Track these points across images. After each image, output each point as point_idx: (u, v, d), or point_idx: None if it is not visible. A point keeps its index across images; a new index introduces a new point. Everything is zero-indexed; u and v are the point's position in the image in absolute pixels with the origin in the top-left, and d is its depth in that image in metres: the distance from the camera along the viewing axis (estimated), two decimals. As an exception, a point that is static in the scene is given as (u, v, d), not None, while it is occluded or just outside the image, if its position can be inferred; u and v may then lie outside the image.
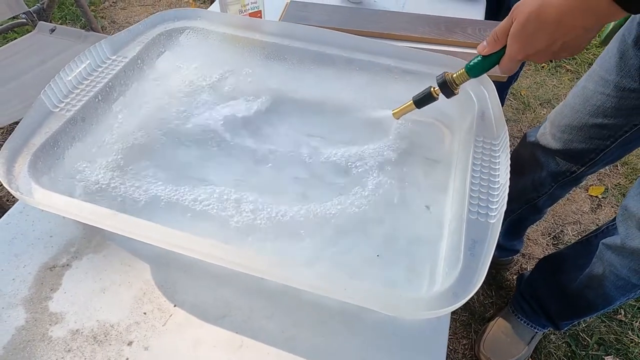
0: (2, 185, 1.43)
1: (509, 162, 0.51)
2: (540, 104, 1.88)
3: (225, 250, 0.43)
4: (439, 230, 0.54)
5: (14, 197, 0.58)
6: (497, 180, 0.50)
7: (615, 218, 0.79)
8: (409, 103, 0.59)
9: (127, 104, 0.63)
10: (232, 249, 0.43)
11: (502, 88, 1.48)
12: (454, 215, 0.52)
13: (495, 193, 0.49)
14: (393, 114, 0.62)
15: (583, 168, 0.84)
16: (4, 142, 0.51)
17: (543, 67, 2.06)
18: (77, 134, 0.57)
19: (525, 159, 0.92)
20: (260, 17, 0.89)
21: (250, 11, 0.87)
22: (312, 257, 0.52)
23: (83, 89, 0.60)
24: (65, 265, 0.52)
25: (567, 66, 2.06)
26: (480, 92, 0.62)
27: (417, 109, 0.59)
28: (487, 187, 0.50)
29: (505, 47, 0.49)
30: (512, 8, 0.47)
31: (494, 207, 0.48)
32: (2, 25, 1.49)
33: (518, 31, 0.46)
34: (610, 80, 0.71)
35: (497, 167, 0.52)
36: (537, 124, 1.79)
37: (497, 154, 0.53)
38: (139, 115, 0.65)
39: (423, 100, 0.58)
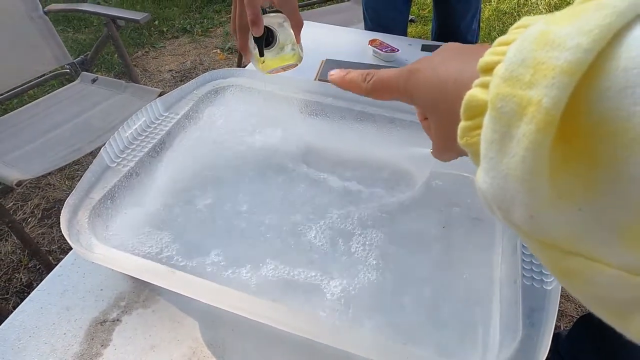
0: (49, 241, 1.46)
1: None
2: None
3: (280, 311, 0.43)
4: (489, 294, 0.53)
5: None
6: (549, 245, 0.50)
7: None
8: None
9: (178, 159, 0.66)
10: (288, 311, 0.43)
11: None
12: (505, 279, 0.51)
13: (549, 258, 0.49)
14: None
15: None
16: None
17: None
18: (133, 188, 0.59)
19: None
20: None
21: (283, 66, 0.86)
22: (358, 319, 0.52)
23: (138, 144, 0.63)
24: (115, 320, 0.52)
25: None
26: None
27: None
28: (539, 252, 0.50)
29: None
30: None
31: (549, 272, 0.47)
32: (45, 75, 1.58)
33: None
34: None
35: (548, 231, 0.52)
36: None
37: (547, 218, 0.54)
38: (190, 169, 0.68)
39: None
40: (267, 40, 0.58)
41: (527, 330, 0.43)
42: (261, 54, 0.58)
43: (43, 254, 1.33)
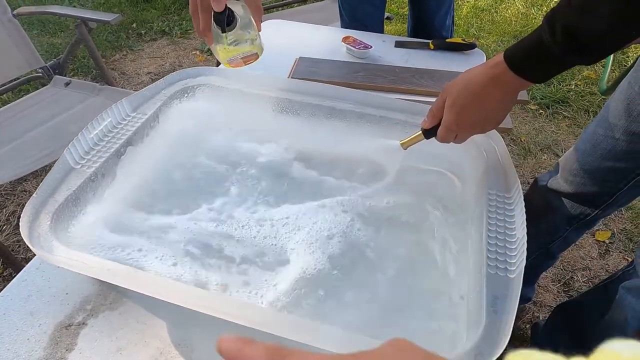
0: (25, 248, 1.42)
1: (525, 216, 0.51)
2: (540, 149, 1.92)
3: (250, 310, 0.43)
4: (457, 284, 0.54)
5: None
6: (513, 234, 0.51)
7: (631, 262, 0.79)
8: (417, 133, 0.61)
9: (145, 160, 0.65)
10: (256, 309, 0.43)
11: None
12: (472, 269, 0.52)
13: (513, 247, 0.50)
14: (401, 144, 0.63)
15: (597, 211, 0.85)
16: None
17: (541, 113, 2.11)
18: (97, 190, 0.58)
19: (538, 204, 0.92)
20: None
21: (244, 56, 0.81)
22: (328, 312, 0.52)
23: (104, 145, 0.62)
24: (81, 324, 0.51)
25: (564, 113, 2.11)
26: (490, 146, 0.64)
27: (425, 140, 0.61)
28: (503, 241, 0.51)
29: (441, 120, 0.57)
30: (442, 89, 0.56)
31: (512, 261, 0.48)
32: (18, 79, 1.54)
33: (452, 104, 0.55)
34: (619, 125, 0.73)
35: (512, 220, 0.53)
36: (539, 169, 1.81)
37: (512, 207, 0.54)
38: (158, 170, 0.67)
39: (432, 130, 0.59)
40: (227, 21, 0.58)
41: (491, 318, 0.43)
42: (223, 30, 0.58)
43: (18, 262, 1.30)
